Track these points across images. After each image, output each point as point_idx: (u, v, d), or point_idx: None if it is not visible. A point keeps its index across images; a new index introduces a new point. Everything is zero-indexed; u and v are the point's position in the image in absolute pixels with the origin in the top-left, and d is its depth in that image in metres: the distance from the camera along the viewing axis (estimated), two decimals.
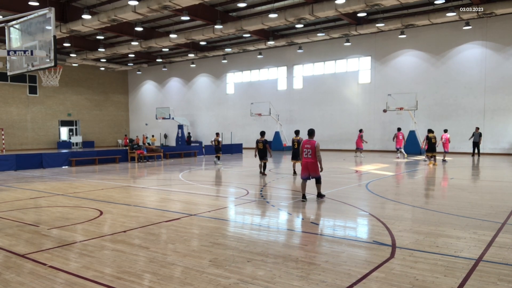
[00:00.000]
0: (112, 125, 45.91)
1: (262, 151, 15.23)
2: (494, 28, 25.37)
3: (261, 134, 15.53)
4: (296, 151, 14.66)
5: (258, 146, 15.31)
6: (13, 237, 6.65)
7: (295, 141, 14.54)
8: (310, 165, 9.57)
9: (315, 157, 9.51)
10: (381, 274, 4.78)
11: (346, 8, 21.48)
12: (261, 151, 15.25)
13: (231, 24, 25.89)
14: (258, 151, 15.31)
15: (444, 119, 27.33)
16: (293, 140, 14.68)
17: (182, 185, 13.10)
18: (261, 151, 15.25)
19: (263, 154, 15.23)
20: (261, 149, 15.23)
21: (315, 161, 9.53)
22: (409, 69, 28.69)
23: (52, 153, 21.30)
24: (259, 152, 15.30)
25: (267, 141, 15.24)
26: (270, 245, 6.02)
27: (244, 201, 9.81)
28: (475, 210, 8.51)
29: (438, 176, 15.05)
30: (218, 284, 4.51)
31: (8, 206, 9.49)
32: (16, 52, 7.59)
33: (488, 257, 5.34)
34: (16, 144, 37.39)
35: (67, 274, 4.89)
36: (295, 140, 14.50)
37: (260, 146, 15.23)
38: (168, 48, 35.10)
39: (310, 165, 9.57)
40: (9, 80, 36.15)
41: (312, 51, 32.77)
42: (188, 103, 41.73)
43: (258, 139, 15.41)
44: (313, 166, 9.56)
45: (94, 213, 8.50)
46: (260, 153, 15.31)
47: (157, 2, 20.65)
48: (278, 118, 33.23)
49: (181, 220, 7.75)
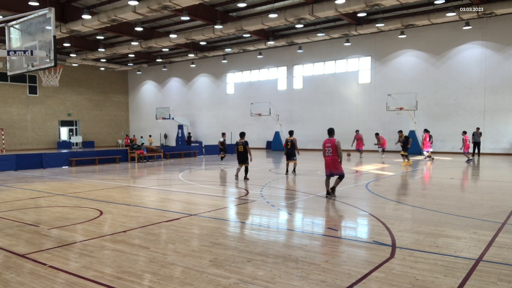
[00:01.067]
0: (112, 125, 45.92)
1: (242, 154, 13.89)
2: (494, 28, 25.37)
3: (241, 135, 14.26)
4: (290, 151, 14.52)
5: (238, 149, 13.95)
6: (13, 237, 6.65)
7: (288, 141, 14.22)
8: (332, 162, 9.97)
9: (336, 155, 9.90)
10: (381, 274, 4.78)
11: (346, 8, 21.49)
12: (240, 153, 13.90)
13: (231, 24, 25.89)
14: (238, 154, 13.96)
15: (444, 119, 27.34)
16: (287, 140, 14.46)
17: (182, 185, 13.10)
18: (240, 153, 13.90)
19: (243, 158, 13.88)
20: (241, 151, 13.90)
21: (337, 158, 9.92)
22: (409, 69, 28.70)
23: (52, 153, 21.30)
24: (239, 155, 13.95)
25: (247, 143, 13.99)
26: (270, 245, 6.02)
27: (244, 201, 9.81)
28: (475, 210, 8.51)
29: (438, 176, 15.04)
30: (218, 284, 4.51)
31: (8, 206, 9.49)
32: (16, 52, 7.59)
33: (488, 257, 5.34)
34: (16, 144, 37.39)
35: (67, 274, 4.89)
36: (288, 140, 14.19)
37: (240, 148, 13.90)
38: (168, 48, 35.10)
39: (332, 163, 9.97)
40: (9, 80, 36.16)
41: (312, 51, 32.77)
42: (188, 103, 41.74)
43: (238, 140, 14.10)
44: (334, 163, 9.95)
45: (94, 213, 8.50)
46: (240, 156, 13.95)
47: (157, 2, 20.65)
48: (278, 118, 33.23)
49: (181, 220, 7.75)
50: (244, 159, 13.90)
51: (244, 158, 13.89)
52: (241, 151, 13.89)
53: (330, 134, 10.19)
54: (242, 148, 13.87)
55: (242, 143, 13.91)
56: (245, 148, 13.86)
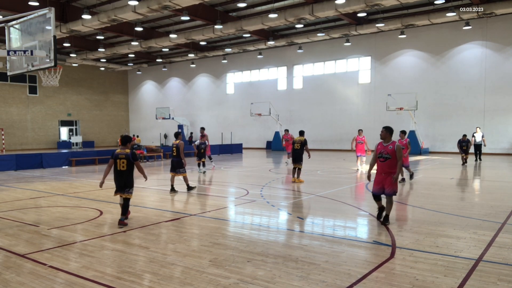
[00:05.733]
0: (112, 125, 45.90)
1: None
2: (494, 28, 25.37)
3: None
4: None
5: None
6: (13, 237, 6.65)
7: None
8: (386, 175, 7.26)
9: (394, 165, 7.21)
10: (381, 274, 4.78)
11: (346, 8, 21.48)
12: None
13: (231, 24, 25.89)
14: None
15: (444, 119, 27.34)
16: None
17: (182, 185, 13.09)
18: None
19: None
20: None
21: (394, 170, 7.19)
22: (409, 69, 28.69)
23: (52, 153, 21.31)
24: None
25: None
26: (270, 245, 6.02)
27: (244, 201, 9.81)
28: (475, 210, 8.51)
29: (438, 176, 15.04)
30: (218, 284, 4.51)
31: (8, 206, 9.49)
32: (16, 52, 7.59)
33: (488, 257, 5.34)
34: (16, 144, 37.38)
35: (67, 274, 4.89)
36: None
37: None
38: (168, 48, 35.09)
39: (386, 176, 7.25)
40: (9, 80, 36.12)
41: (312, 51, 32.77)
42: (188, 103, 41.73)
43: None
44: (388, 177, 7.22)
45: (94, 213, 8.50)
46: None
47: (157, 2, 20.64)
48: (278, 118, 33.23)
49: (181, 220, 7.75)
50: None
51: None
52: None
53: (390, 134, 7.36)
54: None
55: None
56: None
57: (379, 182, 7.19)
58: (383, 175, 7.15)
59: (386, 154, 7.09)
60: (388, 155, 7.05)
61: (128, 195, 7.55)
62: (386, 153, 7.09)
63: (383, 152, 7.15)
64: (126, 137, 7.94)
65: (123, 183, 7.54)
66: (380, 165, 7.24)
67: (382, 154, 7.15)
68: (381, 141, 7.27)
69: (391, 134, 7.26)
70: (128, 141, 7.83)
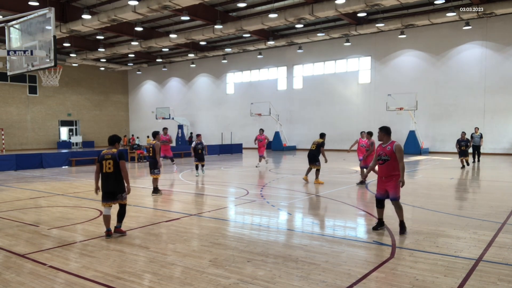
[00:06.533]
0: (112, 125, 45.89)
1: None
2: (494, 28, 25.36)
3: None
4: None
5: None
6: (13, 237, 6.65)
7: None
8: (388, 178, 6.87)
9: (396, 167, 6.80)
10: (381, 274, 4.78)
11: (346, 8, 21.48)
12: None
13: (231, 24, 25.89)
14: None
15: (444, 119, 27.34)
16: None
17: (182, 185, 13.09)
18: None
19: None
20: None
21: (398, 173, 6.75)
22: (409, 69, 28.69)
23: (52, 153, 21.31)
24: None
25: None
26: (270, 245, 6.02)
27: (244, 201, 9.81)
28: (475, 210, 8.51)
29: (438, 176, 15.04)
30: (218, 284, 4.51)
31: (8, 206, 9.49)
32: (16, 52, 7.59)
33: (488, 257, 5.34)
34: (16, 144, 37.37)
35: (67, 274, 4.89)
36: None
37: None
38: (168, 48, 35.09)
39: (387, 179, 6.87)
40: (9, 80, 36.12)
41: (312, 51, 32.77)
42: (188, 103, 41.73)
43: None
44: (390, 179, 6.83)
45: (94, 213, 8.50)
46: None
47: (157, 2, 20.64)
48: (278, 118, 33.22)
49: (181, 220, 7.75)
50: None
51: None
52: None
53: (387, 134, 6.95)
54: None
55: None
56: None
57: (381, 187, 6.80)
58: (383, 179, 6.73)
59: (384, 156, 6.69)
60: (387, 157, 6.65)
61: (123, 201, 6.63)
62: (384, 154, 6.69)
63: (381, 154, 6.75)
64: (114, 137, 6.86)
65: (112, 188, 6.47)
66: (380, 168, 6.83)
67: (380, 156, 6.76)
68: (381, 142, 7.00)
69: (389, 134, 6.87)
70: (117, 141, 6.76)
